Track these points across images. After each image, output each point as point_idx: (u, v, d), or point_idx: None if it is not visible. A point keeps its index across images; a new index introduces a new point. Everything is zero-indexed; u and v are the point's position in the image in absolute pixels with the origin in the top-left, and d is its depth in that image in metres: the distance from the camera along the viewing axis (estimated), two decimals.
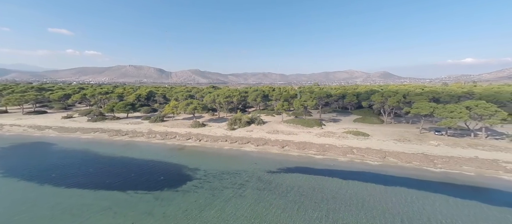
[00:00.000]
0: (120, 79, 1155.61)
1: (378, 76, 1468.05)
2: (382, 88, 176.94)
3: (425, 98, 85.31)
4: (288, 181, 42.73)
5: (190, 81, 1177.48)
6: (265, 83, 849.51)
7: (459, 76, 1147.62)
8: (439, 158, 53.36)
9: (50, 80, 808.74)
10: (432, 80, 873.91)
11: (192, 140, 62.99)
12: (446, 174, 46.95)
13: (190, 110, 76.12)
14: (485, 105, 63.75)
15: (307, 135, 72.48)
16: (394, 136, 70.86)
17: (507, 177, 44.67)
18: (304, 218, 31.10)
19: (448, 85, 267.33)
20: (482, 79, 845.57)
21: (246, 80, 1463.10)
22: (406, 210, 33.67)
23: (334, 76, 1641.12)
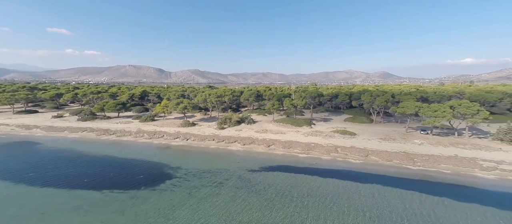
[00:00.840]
0: (120, 79, 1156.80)
1: (377, 76, 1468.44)
2: (377, 88, 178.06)
3: (413, 97, 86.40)
4: (267, 179, 43.60)
5: (189, 81, 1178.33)
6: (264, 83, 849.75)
7: (459, 76, 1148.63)
8: (420, 156, 54.45)
9: (49, 80, 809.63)
10: (431, 80, 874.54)
11: (179, 139, 64.02)
12: (423, 171, 48.10)
13: (180, 109, 77.21)
14: (467, 104, 64.87)
15: (295, 134, 73.56)
16: (380, 135, 71.93)
17: (482, 174, 45.77)
18: (276, 216, 31.86)
19: (444, 85, 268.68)
20: (481, 79, 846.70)
21: (246, 80, 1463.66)
22: (376, 206, 34.66)
23: (333, 76, 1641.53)
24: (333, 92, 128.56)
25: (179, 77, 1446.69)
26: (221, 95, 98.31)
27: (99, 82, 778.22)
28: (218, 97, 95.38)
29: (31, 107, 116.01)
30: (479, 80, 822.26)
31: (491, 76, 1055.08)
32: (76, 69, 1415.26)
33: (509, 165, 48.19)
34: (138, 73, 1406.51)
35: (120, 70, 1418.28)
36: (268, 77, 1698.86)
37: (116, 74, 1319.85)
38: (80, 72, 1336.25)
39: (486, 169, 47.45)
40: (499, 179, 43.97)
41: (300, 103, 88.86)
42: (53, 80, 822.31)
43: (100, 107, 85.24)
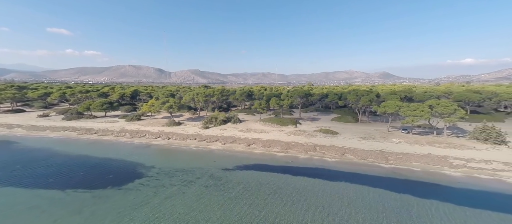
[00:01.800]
0: (120, 79, 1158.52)
1: (377, 76, 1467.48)
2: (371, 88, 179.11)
3: (397, 97, 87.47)
4: (238, 177, 44.47)
5: (189, 81, 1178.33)
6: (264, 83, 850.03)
7: (458, 76, 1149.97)
8: (394, 154, 55.55)
9: (49, 80, 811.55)
10: (431, 81, 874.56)
11: (161, 139, 65.12)
12: (394, 169, 49.20)
13: (165, 108, 78.39)
14: (445, 103, 65.97)
15: (278, 133, 74.66)
16: (361, 134, 73.04)
17: (449, 172, 46.89)
18: (237, 213, 32.48)
19: (440, 85, 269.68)
20: (481, 80, 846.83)
21: (246, 80, 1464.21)
22: (337, 202, 35.59)
23: (333, 76, 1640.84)
24: (323, 92, 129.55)
25: (179, 77, 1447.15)
26: (209, 94, 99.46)
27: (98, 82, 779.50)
28: (206, 96, 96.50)
29: (21, 106, 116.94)
30: (479, 80, 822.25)
31: (490, 76, 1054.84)
32: (76, 69, 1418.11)
33: (478, 163, 49.23)
34: (138, 73, 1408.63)
35: (120, 70, 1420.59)
36: (268, 77, 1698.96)
37: (116, 74, 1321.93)
38: (80, 72, 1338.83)
39: (455, 166, 48.57)
40: (465, 176, 45.10)
41: (286, 102, 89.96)
42: (52, 80, 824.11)
43: (86, 107, 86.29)
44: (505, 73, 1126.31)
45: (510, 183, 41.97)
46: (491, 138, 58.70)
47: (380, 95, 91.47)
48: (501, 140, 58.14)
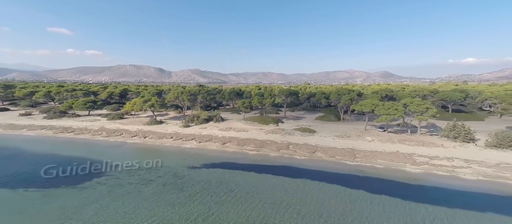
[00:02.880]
0: (120, 78, 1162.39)
1: (378, 76, 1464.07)
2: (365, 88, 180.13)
3: (378, 96, 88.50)
4: (201, 176, 45.07)
5: (189, 81, 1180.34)
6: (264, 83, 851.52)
7: (460, 76, 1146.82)
8: (363, 152, 56.66)
9: (50, 79, 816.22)
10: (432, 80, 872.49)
11: (137, 138, 66.31)
12: (358, 167, 50.27)
13: (147, 107, 79.74)
14: (418, 102, 67.05)
15: (257, 131, 75.86)
16: (338, 133, 74.15)
17: (410, 169, 47.97)
18: (186, 212, 32.63)
19: (434, 84, 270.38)
20: (483, 79, 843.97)
21: (246, 80, 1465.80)
22: (294, 200, 36.36)
23: (334, 76, 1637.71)
24: (311, 91, 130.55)
25: (179, 77, 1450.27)
26: (194, 93, 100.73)
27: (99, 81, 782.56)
28: (190, 95, 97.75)
29: (7, 105, 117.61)
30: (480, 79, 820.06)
31: (492, 76, 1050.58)
32: (76, 69, 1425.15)
33: (440, 160, 50.32)
34: (139, 73, 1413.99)
35: (120, 70, 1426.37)
36: (268, 77, 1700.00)
37: (116, 74, 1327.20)
38: (81, 72, 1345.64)
39: (417, 163, 49.65)
40: (423, 173, 46.21)
41: (268, 101, 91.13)
42: (53, 79, 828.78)
43: (69, 105, 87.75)
44: (507, 72, 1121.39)
45: (464, 179, 43.05)
46: (460, 136, 59.65)
47: (362, 94, 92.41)
48: (469, 138, 59.09)
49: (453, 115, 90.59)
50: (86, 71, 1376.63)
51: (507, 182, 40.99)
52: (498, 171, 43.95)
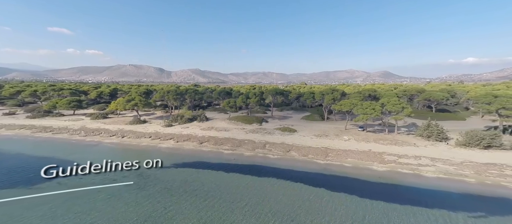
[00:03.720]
0: (120, 78, 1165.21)
1: (378, 76, 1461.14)
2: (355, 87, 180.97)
3: (361, 96, 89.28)
4: (167, 175, 45.02)
5: (189, 81, 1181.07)
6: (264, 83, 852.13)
7: (460, 75, 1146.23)
8: (335, 151, 57.50)
9: (50, 79, 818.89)
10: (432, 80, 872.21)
11: (115, 137, 67.11)
12: (327, 165, 51.13)
13: (129, 107, 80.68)
14: (394, 102, 67.75)
15: (238, 131, 76.76)
16: (318, 132, 74.98)
17: (376, 167, 48.86)
18: (140, 211, 32.66)
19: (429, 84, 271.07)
20: (483, 79, 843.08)
21: (246, 80, 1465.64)
22: (254, 198, 36.93)
23: (334, 76, 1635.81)
24: (300, 91, 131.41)
25: (179, 77, 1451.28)
26: (180, 93, 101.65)
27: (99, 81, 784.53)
28: (176, 95, 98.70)
29: None
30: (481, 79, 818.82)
31: (492, 76, 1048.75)
32: (77, 69, 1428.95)
33: (408, 159, 51.19)
34: (139, 73, 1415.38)
35: (120, 70, 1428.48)
36: (268, 76, 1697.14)
37: (116, 74, 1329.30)
38: (81, 72, 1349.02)
39: (385, 162, 50.52)
40: (388, 171, 47.17)
41: (252, 101, 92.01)
42: (53, 79, 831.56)
43: (52, 105, 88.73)
44: (507, 72, 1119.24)
45: (425, 176, 44.00)
46: (433, 135, 60.39)
47: (346, 94, 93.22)
48: (441, 138, 59.82)
49: (436, 115, 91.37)
50: (87, 71, 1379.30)
51: (464, 179, 41.87)
52: (459, 169, 44.77)
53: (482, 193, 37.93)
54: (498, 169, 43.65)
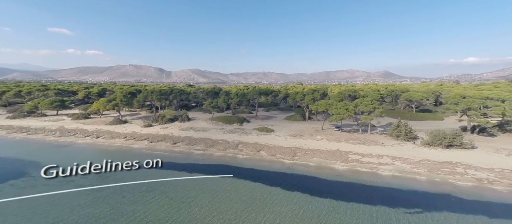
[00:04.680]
0: (120, 78, 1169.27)
1: (379, 76, 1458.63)
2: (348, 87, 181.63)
3: (341, 96, 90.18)
4: (126, 177, 42.50)
5: (189, 81, 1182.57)
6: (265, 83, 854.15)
7: (460, 75, 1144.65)
8: (304, 151, 58.47)
9: (50, 79, 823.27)
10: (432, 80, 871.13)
11: (89, 138, 67.96)
12: (292, 165, 51.94)
13: (110, 107, 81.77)
14: (367, 102, 68.64)
15: (216, 131, 77.71)
16: (294, 132, 75.91)
17: (338, 166, 49.77)
18: (84, 213, 32.75)
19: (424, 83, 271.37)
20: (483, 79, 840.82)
21: (247, 80, 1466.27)
22: (202, 198, 37.38)
23: (334, 76, 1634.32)
24: (287, 91, 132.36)
25: (179, 77, 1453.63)
26: (165, 93, 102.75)
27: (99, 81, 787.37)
28: (161, 95, 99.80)
29: None
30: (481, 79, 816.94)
31: (492, 75, 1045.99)
32: (77, 69, 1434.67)
33: (370, 158, 52.17)
34: (139, 73, 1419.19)
35: (120, 70, 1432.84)
36: (268, 76, 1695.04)
37: (116, 74, 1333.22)
38: (81, 72, 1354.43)
39: (348, 161, 51.50)
40: (348, 169, 48.14)
41: (234, 101, 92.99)
42: (54, 79, 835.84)
43: (34, 105, 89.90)
44: (507, 71, 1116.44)
45: (381, 175, 44.99)
46: (402, 135, 61.23)
47: (326, 94, 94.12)
48: (409, 137, 60.68)
49: (416, 115, 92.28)
50: (87, 71, 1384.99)
51: (415, 177, 42.90)
52: (415, 168, 45.74)
53: (428, 190, 38.92)
54: (451, 167, 44.59)
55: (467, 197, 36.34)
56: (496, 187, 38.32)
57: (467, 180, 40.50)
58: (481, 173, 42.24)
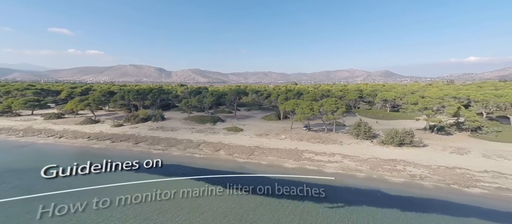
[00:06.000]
0: (121, 78, 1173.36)
1: (379, 75, 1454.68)
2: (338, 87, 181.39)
3: (312, 96, 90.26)
4: (70, 179, 45.70)
5: (189, 81, 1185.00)
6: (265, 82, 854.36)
7: (461, 75, 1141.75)
8: (262, 150, 58.78)
9: (51, 79, 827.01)
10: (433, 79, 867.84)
11: (52, 138, 67.96)
12: (245, 163, 52.24)
13: (81, 106, 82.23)
14: (331, 102, 68.71)
15: (185, 131, 78.04)
16: (262, 131, 76.14)
17: (288, 165, 50.02)
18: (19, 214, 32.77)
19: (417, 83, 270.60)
20: (483, 78, 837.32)
21: (247, 80, 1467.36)
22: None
23: (335, 75, 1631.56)
24: (270, 91, 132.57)
25: (179, 77, 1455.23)
26: (142, 93, 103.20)
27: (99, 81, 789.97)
28: (138, 94, 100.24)
29: None
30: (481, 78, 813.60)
31: (493, 75, 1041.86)
32: (78, 69, 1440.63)
33: (322, 156, 52.43)
34: (139, 73, 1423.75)
35: (120, 70, 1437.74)
36: (268, 76, 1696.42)
37: (117, 74, 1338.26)
38: (82, 72, 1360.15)
39: (301, 159, 51.83)
40: (296, 167, 48.43)
41: (208, 100, 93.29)
42: (54, 79, 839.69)
43: (7, 105, 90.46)
44: (508, 71, 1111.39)
45: (324, 172, 45.34)
46: (361, 134, 61.30)
47: (302, 94, 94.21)
48: (368, 136, 60.75)
49: (389, 114, 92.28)
50: (87, 71, 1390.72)
51: (355, 174, 43.42)
52: (359, 165, 46.09)
53: (360, 186, 39.35)
54: (392, 165, 44.93)
55: (393, 192, 36.91)
56: (424, 183, 38.86)
57: (401, 177, 40.94)
58: (418, 170, 42.63)
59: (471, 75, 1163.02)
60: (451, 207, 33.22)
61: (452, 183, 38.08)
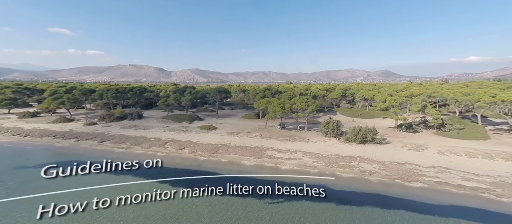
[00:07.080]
0: (120, 78, 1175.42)
1: (379, 75, 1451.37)
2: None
3: (289, 95, 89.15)
4: (24, 175, 43.63)
5: (189, 81, 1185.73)
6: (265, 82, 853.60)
7: (461, 74, 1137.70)
8: (227, 148, 57.83)
9: (51, 79, 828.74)
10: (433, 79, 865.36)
11: (17, 136, 66.83)
12: (204, 161, 51.12)
13: (55, 105, 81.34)
14: (302, 100, 67.60)
15: (157, 129, 77.03)
16: (235, 129, 75.03)
17: (247, 162, 49.13)
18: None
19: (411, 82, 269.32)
20: (483, 78, 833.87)
21: (247, 79, 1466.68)
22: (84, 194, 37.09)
23: (335, 75, 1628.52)
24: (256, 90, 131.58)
25: (179, 77, 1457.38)
26: (122, 91, 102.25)
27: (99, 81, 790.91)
28: (117, 93, 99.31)
29: None
30: (481, 78, 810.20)
31: (492, 74, 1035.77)
32: (78, 69, 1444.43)
33: (284, 153, 51.53)
34: (139, 73, 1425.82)
35: (120, 70, 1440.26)
36: (268, 75, 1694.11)
37: (116, 74, 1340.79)
38: (82, 72, 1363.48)
39: (261, 157, 50.85)
40: (254, 165, 47.53)
41: (187, 98, 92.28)
42: (54, 79, 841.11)
43: None
44: (508, 70, 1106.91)
45: (280, 169, 44.55)
46: (329, 131, 60.14)
47: (281, 93, 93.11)
48: (336, 133, 59.60)
49: (367, 113, 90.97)
50: (87, 71, 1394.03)
51: (309, 170, 42.67)
52: (316, 162, 45.25)
53: (309, 182, 37.75)
54: (348, 161, 44.20)
55: (338, 188, 36.23)
56: (371, 178, 38.28)
57: (352, 172, 40.24)
58: (370, 165, 41.90)
59: (471, 74, 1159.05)
60: (388, 201, 33.03)
61: (397, 178, 37.61)
